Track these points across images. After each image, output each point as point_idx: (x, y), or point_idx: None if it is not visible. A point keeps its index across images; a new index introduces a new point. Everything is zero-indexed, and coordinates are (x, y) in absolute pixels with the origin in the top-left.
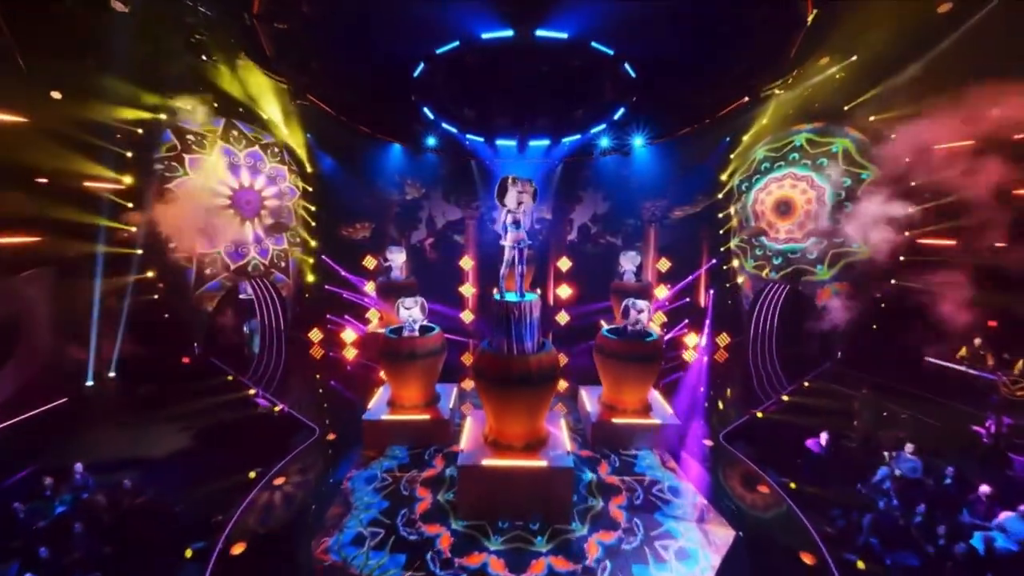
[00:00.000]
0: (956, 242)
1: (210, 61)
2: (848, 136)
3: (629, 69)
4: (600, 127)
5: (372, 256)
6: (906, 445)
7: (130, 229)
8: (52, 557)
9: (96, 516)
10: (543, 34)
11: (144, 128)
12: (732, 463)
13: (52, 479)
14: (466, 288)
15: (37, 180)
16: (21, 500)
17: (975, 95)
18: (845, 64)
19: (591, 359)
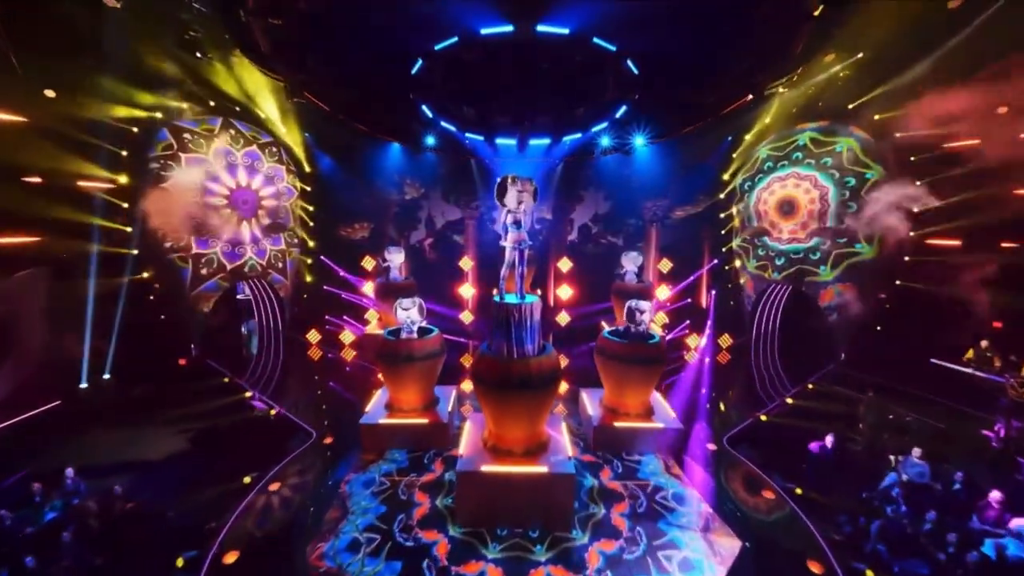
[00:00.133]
0: (961, 242)
1: (205, 58)
2: (853, 135)
3: (632, 66)
4: (601, 125)
5: (371, 256)
6: (913, 449)
7: (125, 229)
8: (39, 566)
9: (86, 523)
10: (544, 29)
11: (140, 127)
12: (737, 468)
13: (41, 484)
14: (466, 289)
15: (31, 179)
16: (10, 506)
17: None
18: (851, 62)
19: (592, 360)
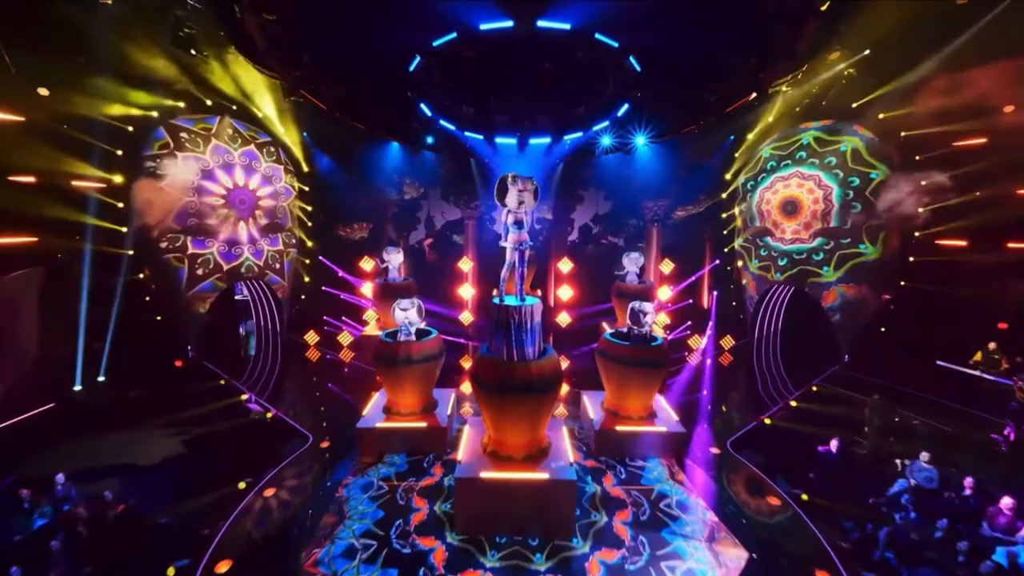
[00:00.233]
0: (967, 242)
1: (201, 56)
2: (858, 134)
3: (634, 63)
4: (603, 124)
5: (370, 257)
6: (921, 453)
7: (121, 229)
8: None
9: (76, 530)
10: (544, 25)
11: (135, 125)
12: (741, 473)
13: (30, 491)
14: (465, 289)
15: (26, 179)
16: None
17: None
18: (856, 59)
19: (592, 361)
